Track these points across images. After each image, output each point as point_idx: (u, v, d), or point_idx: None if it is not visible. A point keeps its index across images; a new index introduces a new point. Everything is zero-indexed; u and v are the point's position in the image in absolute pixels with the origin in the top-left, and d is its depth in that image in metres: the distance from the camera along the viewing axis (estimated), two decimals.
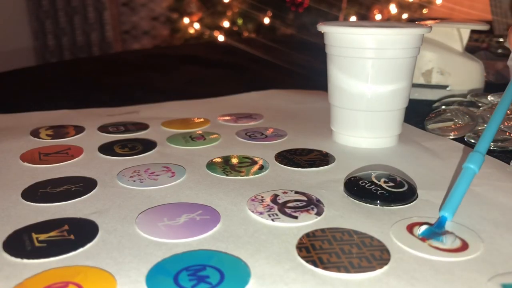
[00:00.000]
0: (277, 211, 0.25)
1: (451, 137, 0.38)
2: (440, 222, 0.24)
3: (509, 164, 0.33)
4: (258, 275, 0.20)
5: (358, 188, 0.28)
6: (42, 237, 0.23)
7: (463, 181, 0.26)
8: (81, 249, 0.22)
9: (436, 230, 0.23)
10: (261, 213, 0.25)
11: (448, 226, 0.24)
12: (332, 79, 0.36)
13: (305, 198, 0.27)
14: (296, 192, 0.28)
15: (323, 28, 0.35)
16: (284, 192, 0.28)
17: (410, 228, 0.24)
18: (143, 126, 0.43)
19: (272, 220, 0.24)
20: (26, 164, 0.33)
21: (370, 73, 0.34)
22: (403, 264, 0.21)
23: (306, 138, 0.39)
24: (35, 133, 0.41)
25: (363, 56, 0.33)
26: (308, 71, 0.65)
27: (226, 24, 1.84)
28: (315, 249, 0.22)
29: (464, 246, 0.22)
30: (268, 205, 0.26)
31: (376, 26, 0.33)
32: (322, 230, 0.23)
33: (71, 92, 0.60)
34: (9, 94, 0.59)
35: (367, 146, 0.36)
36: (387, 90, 0.34)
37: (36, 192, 0.28)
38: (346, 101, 0.35)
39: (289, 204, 0.26)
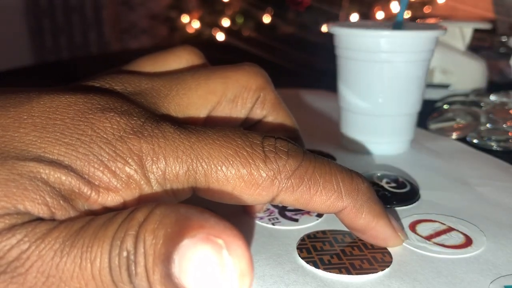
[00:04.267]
0: (277, 215, 0.25)
1: (453, 137, 0.38)
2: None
3: None
4: (258, 276, 0.20)
5: None
6: None
7: None
8: None
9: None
10: (261, 218, 0.25)
11: (451, 222, 0.24)
12: (342, 82, 0.35)
13: None
14: None
15: (334, 30, 0.33)
16: None
17: (413, 226, 0.24)
18: None
19: (273, 224, 0.24)
20: None
21: (383, 76, 0.32)
22: (405, 266, 0.21)
23: (307, 138, 0.38)
24: None
25: (376, 59, 0.32)
26: (309, 70, 0.65)
27: (226, 23, 1.83)
28: (316, 250, 0.21)
29: (467, 242, 0.22)
30: (268, 209, 0.25)
31: (387, 27, 0.32)
32: (323, 232, 0.23)
33: None
34: None
35: (379, 152, 0.34)
36: (401, 94, 0.33)
37: None
38: (358, 105, 0.34)
39: (290, 207, 0.26)
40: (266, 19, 1.82)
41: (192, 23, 1.89)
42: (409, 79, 0.33)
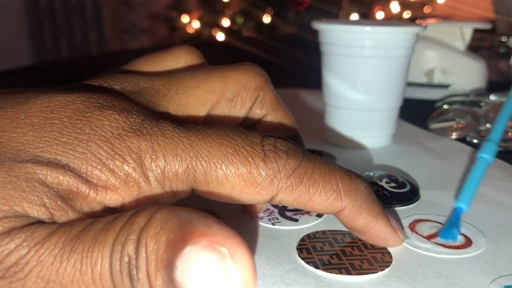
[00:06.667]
0: (277, 215, 0.25)
1: (453, 137, 0.38)
2: (456, 214, 0.23)
3: None
4: (258, 276, 0.20)
5: None
6: None
7: (477, 171, 0.25)
8: None
9: (453, 225, 0.23)
10: (261, 218, 0.25)
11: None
12: (326, 77, 0.36)
13: None
14: None
15: (318, 26, 0.34)
16: None
17: (413, 226, 0.24)
18: None
19: (273, 224, 0.24)
20: None
21: (365, 71, 0.33)
22: (405, 266, 0.21)
23: (306, 138, 0.38)
24: None
25: (358, 54, 0.33)
26: (309, 70, 0.65)
27: (226, 23, 1.83)
28: (316, 251, 0.21)
29: (467, 243, 0.22)
30: (268, 209, 0.25)
31: (373, 24, 0.33)
32: (323, 232, 0.23)
33: None
34: None
35: (362, 146, 0.35)
36: (382, 89, 0.34)
37: None
38: (341, 100, 0.35)
39: (290, 207, 0.26)
40: (266, 19, 1.81)
41: (192, 23, 1.89)
42: (391, 74, 0.34)
